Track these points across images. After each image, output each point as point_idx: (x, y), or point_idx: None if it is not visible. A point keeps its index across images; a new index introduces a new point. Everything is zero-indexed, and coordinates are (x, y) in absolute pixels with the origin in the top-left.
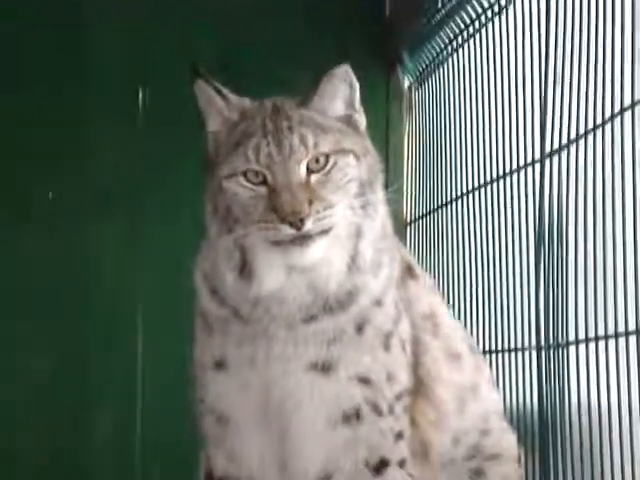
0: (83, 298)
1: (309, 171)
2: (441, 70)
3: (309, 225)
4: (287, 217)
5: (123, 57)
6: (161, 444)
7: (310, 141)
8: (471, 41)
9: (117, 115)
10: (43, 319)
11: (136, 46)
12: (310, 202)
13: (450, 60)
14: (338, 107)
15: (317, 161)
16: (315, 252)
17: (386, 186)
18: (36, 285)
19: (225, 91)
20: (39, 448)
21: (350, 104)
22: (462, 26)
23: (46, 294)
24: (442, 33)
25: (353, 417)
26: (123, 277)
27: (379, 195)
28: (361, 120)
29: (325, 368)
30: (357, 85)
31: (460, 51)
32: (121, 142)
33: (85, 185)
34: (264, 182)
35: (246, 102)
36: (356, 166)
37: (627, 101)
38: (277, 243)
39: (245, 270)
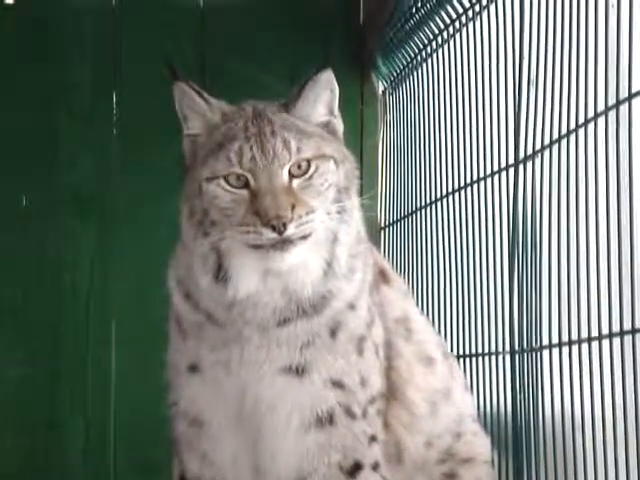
0: (56, 303)
1: (291, 176)
2: (415, 75)
3: (291, 230)
4: (270, 221)
5: (97, 59)
6: (135, 452)
7: (293, 146)
8: (445, 46)
9: (91, 119)
10: (15, 324)
11: (110, 48)
12: (293, 207)
13: (424, 65)
14: (319, 113)
15: (299, 166)
16: (294, 257)
17: (360, 192)
18: (9, 290)
19: (206, 94)
20: (9, 459)
21: (330, 110)
22: (436, 31)
23: (19, 299)
24: (416, 38)
25: (326, 421)
26: (97, 282)
27: (355, 201)
28: (339, 126)
29: (299, 372)
30: (337, 90)
31: (434, 56)
32: (95, 146)
33: (59, 190)
34: (246, 185)
35: (224, 105)
36: (336, 172)
37: (600, 106)
38: (257, 247)
39: (220, 274)
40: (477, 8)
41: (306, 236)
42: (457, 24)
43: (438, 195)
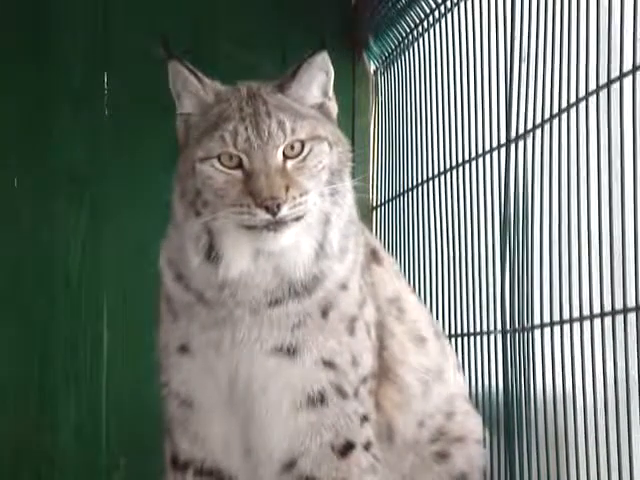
0: (48, 285)
1: (285, 157)
2: (407, 54)
3: (285, 211)
4: (264, 202)
5: (88, 40)
6: (127, 433)
7: (288, 127)
8: (437, 26)
9: (82, 99)
10: (7, 306)
11: (101, 29)
12: (287, 188)
13: (416, 45)
14: (314, 94)
15: (292, 147)
16: (287, 238)
17: (353, 173)
18: (1, 270)
19: (200, 73)
20: (1, 440)
21: (325, 92)
22: (427, 11)
23: (10, 280)
24: (407, 17)
25: (318, 401)
26: (88, 263)
27: (347, 183)
28: (333, 108)
29: (290, 352)
30: (332, 73)
31: (425, 36)
32: (87, 127)
33: (50, 170)
34: (239, 166)
35: (218, 85)
36: (329, 154)
37: (592, 86)
38: (250, 228)
39: (212, 254)
40: None
41: (299, 217)
42: (449, 3)
43: (429, 175)
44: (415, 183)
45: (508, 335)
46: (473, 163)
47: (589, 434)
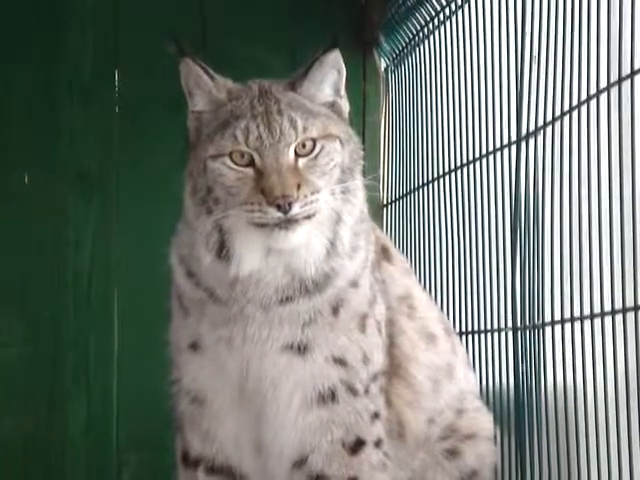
0: (58, 282)
1: (296, 155)
2: (417, 52)
3: (296, 209)
4: (276, 200)
5: (98, 37)
6: (137, 429)
7: (299, 125)
8: (447, 23)
9: (92, 96)
10: (17, 303)
11: (111, 27)
12: (298, 186)
13: (426, 42)
14: (326, 93)
15: (304, 146)
16: (298, 236)
17: (363, 172)
18: (11, 267)
19: (212, 71)
20: (12, 436)
21: (336, 90)
22: (438, 8)
23: (21, 277)
24: (418, 15)
25: (329, 398)
26: (99, 260)
27: (358, 181)
28: (345, 106)
29: (301, 349)
30: (344, 71)
31: (436, 33)
32: (97, 124)
33: (61, 168)
34: (251, 164)
35: (230, 83)
36: (341, 152)
37: (603, 83)
38: (261, 226)
39: (223, 251)
40: None
41: (310, 216)
42: (459, 0)
43: (440, 172)
44: (426, 180)
45: (519, 332)
46: (484, 161)
47: (600, 430)
